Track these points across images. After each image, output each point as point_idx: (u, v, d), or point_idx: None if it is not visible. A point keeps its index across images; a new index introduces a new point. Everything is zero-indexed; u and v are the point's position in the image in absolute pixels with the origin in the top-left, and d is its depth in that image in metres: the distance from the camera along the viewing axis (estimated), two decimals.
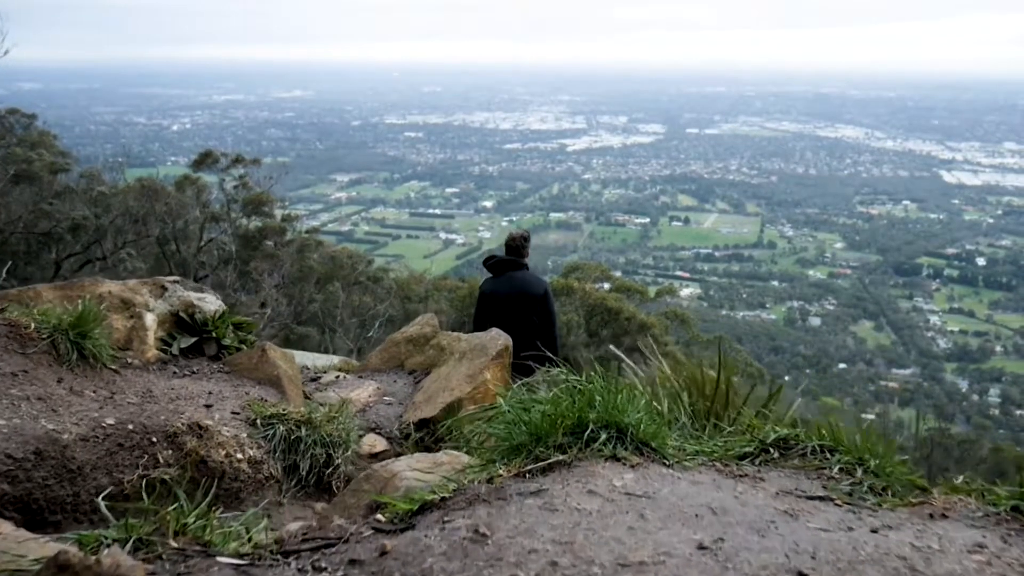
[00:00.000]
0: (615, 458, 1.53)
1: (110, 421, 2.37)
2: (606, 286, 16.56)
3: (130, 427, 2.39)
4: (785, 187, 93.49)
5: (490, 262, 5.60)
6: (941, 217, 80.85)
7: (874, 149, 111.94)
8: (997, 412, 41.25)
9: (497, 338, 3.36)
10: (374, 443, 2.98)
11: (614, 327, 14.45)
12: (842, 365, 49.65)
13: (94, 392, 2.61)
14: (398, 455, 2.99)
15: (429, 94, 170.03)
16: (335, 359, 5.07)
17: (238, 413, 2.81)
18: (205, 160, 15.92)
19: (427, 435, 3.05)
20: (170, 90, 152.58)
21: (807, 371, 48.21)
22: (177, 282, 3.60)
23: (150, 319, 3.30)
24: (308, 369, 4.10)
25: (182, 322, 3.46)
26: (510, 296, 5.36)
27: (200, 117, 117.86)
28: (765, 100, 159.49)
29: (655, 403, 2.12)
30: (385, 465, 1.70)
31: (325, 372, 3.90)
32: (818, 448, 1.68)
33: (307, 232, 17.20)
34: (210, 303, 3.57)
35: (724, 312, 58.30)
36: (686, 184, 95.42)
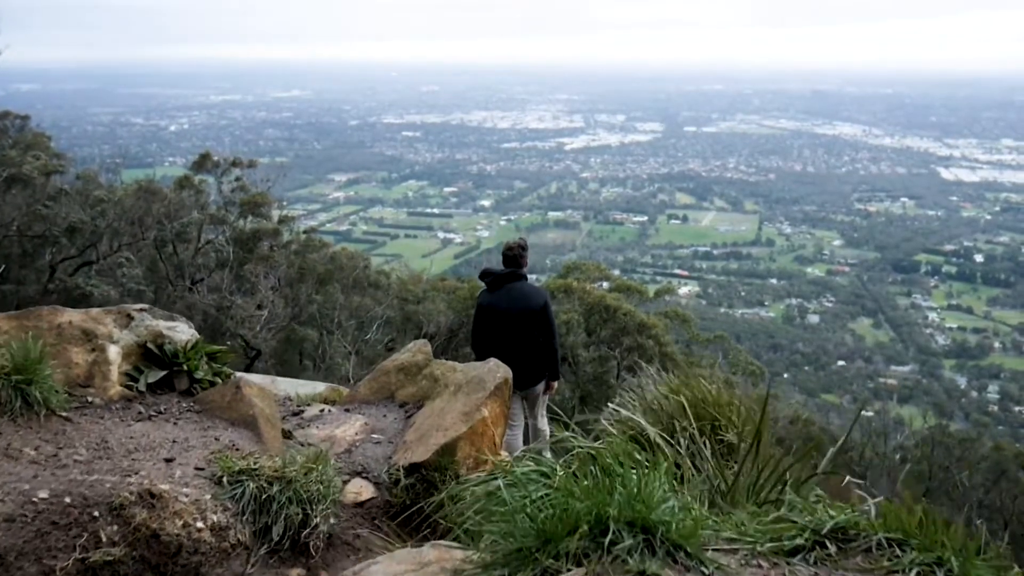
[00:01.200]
0: (643, 574, 1.24)
1: (43, 494, 2.05)
2: (604, 285, 16.35)
3: (67, 500, 2.06)
4: (783, 185, 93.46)
5: (487, 277, 5.31)
6: (939, 214, 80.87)
7: (872, 146, 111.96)
8: (996, 408, 41.26)
9: (496, 370, 3.05)
10: (360, 490, 2.69)
11: (613, 326, 14.22)
12: (841, 362, 49.60)
13: (35, 450, 2.28)
14: (387, 504, 2.70)
15: (427, 93, 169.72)
16: (320, 387, 4.76)
17: (202, 469, 2.50)
18: (203, 164, 15.69)
19: (418, 481, 2.76)
20: (167, 90, 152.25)
21: (806, 368, 48.14)
22: (145, 310, 3.29)
23: (114, 352, 3.02)
24: (291, 401, 3.79)
25: (150, 354, 3.16)
26: (509, 310, 5.12)
27: (197, 117, 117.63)
28: (763, 98, 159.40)
29: (675, 456, 1.82)
30: (358, 572, 1.42)
31: (309, 405, 3.60)
32: (884, 542, 1.39)
33: (304, 232, 16.94)
34: (181, 332, 3.27)
35: (723, 310, 58.21)
36: (684, 182, 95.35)
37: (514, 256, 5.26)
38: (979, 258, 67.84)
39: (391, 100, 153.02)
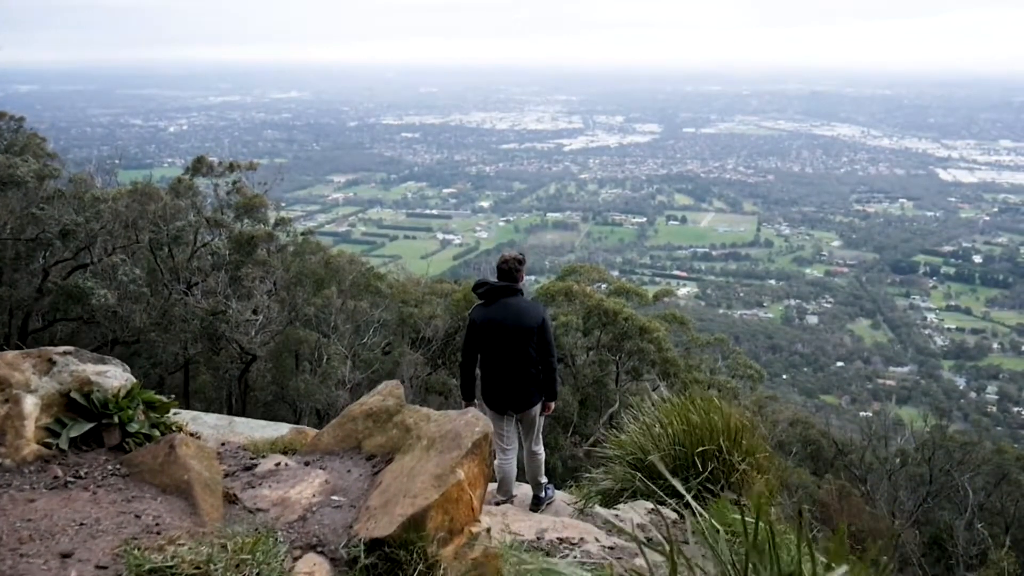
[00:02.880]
0: None
1: None
2: (603, 287, 16.36)
3: None
4: (781, 186, 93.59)
5: (481, 289, 5.01)
6: (937, 215, 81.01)
7: (870, 147, 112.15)
8: (995, 409, 41.34)
9: (474, 424, 2.75)
10: (313, 570, 2.31)
11: (614, 330, 14.21)
12: (839, 363, 49.68)
13: None
14: None
15: (426, 94, 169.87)
16: (284, 429, 4.36)
17: (105, 568, 2.04)
18: (199, 169, 15.65)
19: (381, 560, 2.35)
20: (166, 92, 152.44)
21: (804, 369, 48.18)
22: (69, 353, 2.89)
23: (30, 404, 2.61)
24: (245, 450, 3.38)
25: (75, 404, 2.75)
26: (503, 326, 4.83)
27: (197, 119, 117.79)
28: (761, 99, 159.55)
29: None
30: None
31: (265, 456, 3.22)
32: None
33: (303, 233, 16.91)
34: (113, 377, 2.86)
35: (721, 311, 58.26)
36: (683, 183, 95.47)
37: (509, 270, 4.94)
38: (977, 259, 67.94)
39: (390, 101, 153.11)
